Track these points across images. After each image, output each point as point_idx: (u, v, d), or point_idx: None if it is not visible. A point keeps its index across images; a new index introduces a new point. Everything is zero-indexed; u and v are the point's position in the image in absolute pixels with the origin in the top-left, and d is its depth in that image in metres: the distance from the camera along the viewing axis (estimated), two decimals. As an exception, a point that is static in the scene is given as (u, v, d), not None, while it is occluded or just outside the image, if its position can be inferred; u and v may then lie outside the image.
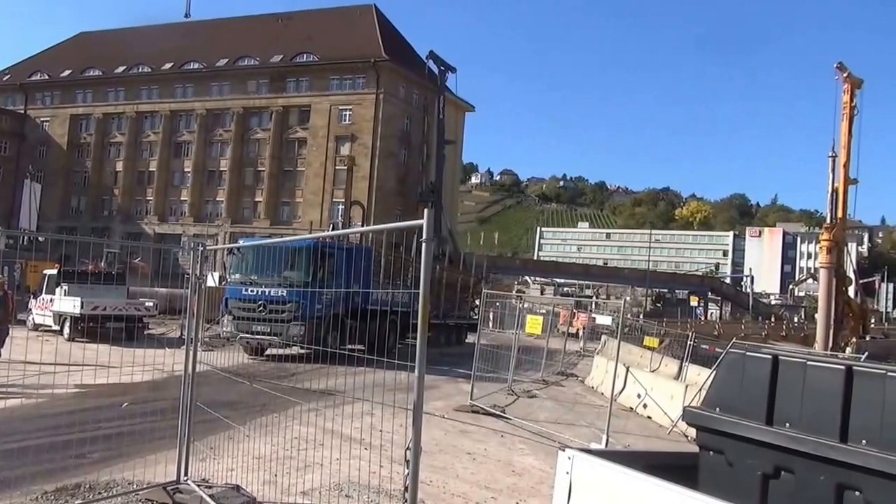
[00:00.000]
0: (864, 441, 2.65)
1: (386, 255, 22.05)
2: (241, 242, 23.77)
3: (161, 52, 78.34)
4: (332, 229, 53.55)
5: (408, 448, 4.42)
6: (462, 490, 8.41)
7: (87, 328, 20.81)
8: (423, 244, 4.43)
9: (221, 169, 77.68)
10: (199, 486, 6.85)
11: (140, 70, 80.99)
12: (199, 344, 7.30)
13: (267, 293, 20.26)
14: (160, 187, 79.55)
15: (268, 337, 19.64)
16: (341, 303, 19.65)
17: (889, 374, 2.68)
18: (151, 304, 24.94)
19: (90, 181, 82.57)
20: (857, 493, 2.64)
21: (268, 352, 20.23)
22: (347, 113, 71.81)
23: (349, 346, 13.88)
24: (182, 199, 79.09)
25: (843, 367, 2.82)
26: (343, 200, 67.25)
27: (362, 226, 57.39)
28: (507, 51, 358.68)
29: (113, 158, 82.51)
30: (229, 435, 8.58)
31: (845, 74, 33.67)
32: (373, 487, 7.40)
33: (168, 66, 79.25)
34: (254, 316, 20.16)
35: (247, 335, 19.81)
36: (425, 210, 4.49)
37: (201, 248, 7.13)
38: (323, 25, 74.96)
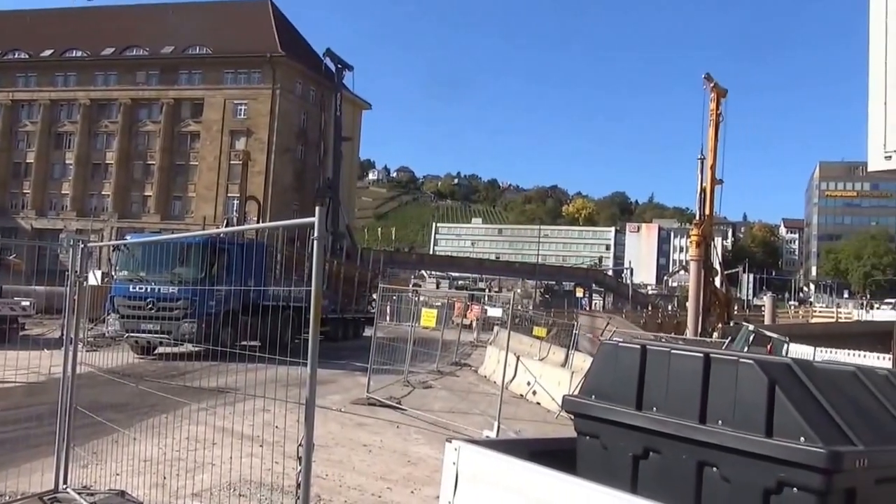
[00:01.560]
0: (719, 422, 2.86)
1: (282, 250, 21.78)
2: (128, 238, 22.95)
3: (40, 38, 74.48)
4: (227, 224, 52.35)
5: (300, 444, 4.44)
6: (358, 482, 8.47)
7: (-49, 330, 19.56)
8: (315, 242, 4.49)
9: (107, 162, 74.56)
10: (79, 493, 6.60)
11: (16, 56, 76.57)
12: (79, 344, 7.03)
13: (157, 290, 19.63)
14: (38, 180, 75.55)
15: (157, 335, 19.06)
16: (235, 299, 19.28)
17: (741, 360, 2.91)
18: (28, 303, 23.70)
19: (-42, 173, 77.60)
20: (714, 469, 2.85)
21: (157, 350, 19.63)
22: (242, 107, 70.43)
23: (244, 343, 13.66)
24: (63, 192, 75.43)
25: (701, 355, 3.04)
26: (238, 195, 65.81)
27: (258, 221, 56.33)
28: (401, 50, 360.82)
29: (-16, 149, 77.88)
30: (114, 438, 8.27)
31: (712, 84, 36.02)
32: (267, 485, 7.33)
33: (48, 52, 75.30)
34: (142, 314, 19.50)
35: (134, 334, 19.15)
36: (317, 208, 4.55)
37: (82, 245, 6.87)
38: (217, 18, 73.00)
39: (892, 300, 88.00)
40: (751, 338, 25.62)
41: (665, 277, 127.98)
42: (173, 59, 72.43)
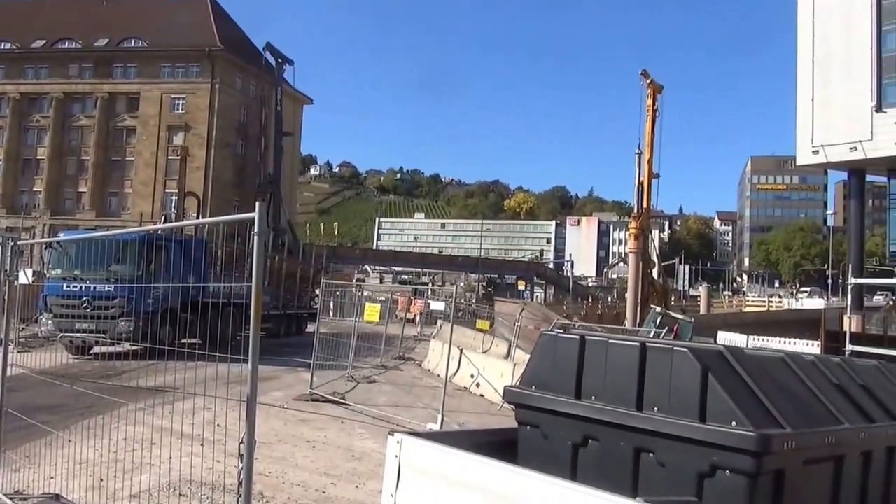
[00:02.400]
0: (655, 409, 2.94)
1: (223, 246, 21.45)
2: (61, 235, 22.27)
3: (-35, 30, 71.64)
4: (165, 221, 51.31)
5: (241, 441, 4.39)
6: (301, 478, 8.41)
7: None
8: (256, 237, 4.45)
9: (39, 157, 72.29)
10: (11, 498, 6.41)
11: (-60, 48, 73.67)
12: (10, 345, 6.82)
13: (92, 289, 19.15)
14: (-35, 176, 72.83)
15: (93, 335, 18.58)
16: (174, 296, 18.94)
17: (675, 349, 2.99)
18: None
19: None
20: (651, 454, 2.93)
21: (93, 350, 19.13)
22: (180, 102, 69.00)
23: (185, 341, 13.40)
24: (-7, 189, 72.85)
25: (638, 344, 3.11)
26: (176, 191, 64.46)
27: (198, 217, 55.32)
28: (342, 46, 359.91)
29: None
30: (48, 441, 8.03)
31: (648, 81, 36.72)
32: (209, 484, 7.24)
33: (-27, 44, 72.59)
34: (77, 313, 18.97)
35: (69, 334, 18.62)
36: (257, 203, 4.51)
37: (11, 242, 6.65)
38: (153, 10, 71.06)
39: (807, 289, 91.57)
40: (658, 319, 26.57)
41: (605, 269, 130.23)
42: (107, 51, 70.52)
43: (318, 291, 26.85)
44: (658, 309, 29.03)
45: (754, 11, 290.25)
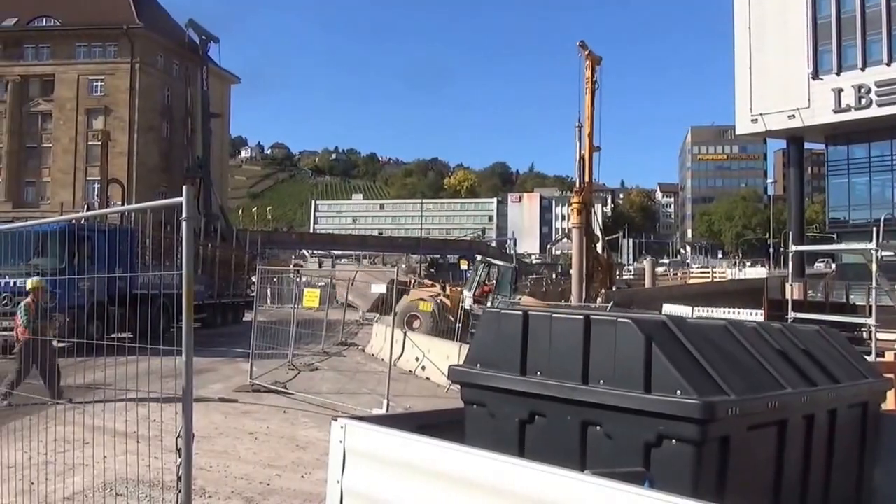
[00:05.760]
0: (601, 381, 2.92)
1: (151, 235, 20.88)
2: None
3: None
4: (88, 210, 49.67)
5: (179, 436, 4.25)
6: (245, 471, 8.26)
7: None
8: (184, 223, 4.28)
9: (-55, 146, 68.88)
10: (-65, 507, 6.12)
11: None
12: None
13: (11, 284, 18.39)
14: None
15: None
16: (102, 289, 18.35)
17: (619, 320, 2.97)
18: None
19: None
20: (598, 427, 2.92)
21: (16, 350, 18.41)
22: (99, 84, 66.38)
23: (115, 335, 13.01)
24: None
25: (581, 318, 3.09)
26: (99, 178, 62.35)
27: (122, 205, 53.71)
28: (271, 22, 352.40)
29: None
30: (-28, 446, 7.70)
31: (587, 52, 36.80)
32: (147, 481, 7.04)
33: None
34: (-3, 310, 18.22)
35: (-11, 333, 17.86)
36: (184, 187, 4.34)
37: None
38: (63, -14, 68.24)
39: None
40: (479, 268, 27.55)
41: (548, 246, 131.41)
42: (17, 31, 67.24)
43: (254, 279, 26.44)
44: (479, 258, 29.66)
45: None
